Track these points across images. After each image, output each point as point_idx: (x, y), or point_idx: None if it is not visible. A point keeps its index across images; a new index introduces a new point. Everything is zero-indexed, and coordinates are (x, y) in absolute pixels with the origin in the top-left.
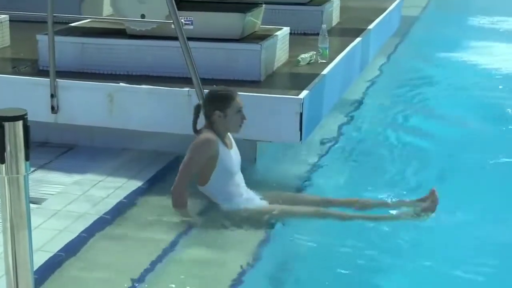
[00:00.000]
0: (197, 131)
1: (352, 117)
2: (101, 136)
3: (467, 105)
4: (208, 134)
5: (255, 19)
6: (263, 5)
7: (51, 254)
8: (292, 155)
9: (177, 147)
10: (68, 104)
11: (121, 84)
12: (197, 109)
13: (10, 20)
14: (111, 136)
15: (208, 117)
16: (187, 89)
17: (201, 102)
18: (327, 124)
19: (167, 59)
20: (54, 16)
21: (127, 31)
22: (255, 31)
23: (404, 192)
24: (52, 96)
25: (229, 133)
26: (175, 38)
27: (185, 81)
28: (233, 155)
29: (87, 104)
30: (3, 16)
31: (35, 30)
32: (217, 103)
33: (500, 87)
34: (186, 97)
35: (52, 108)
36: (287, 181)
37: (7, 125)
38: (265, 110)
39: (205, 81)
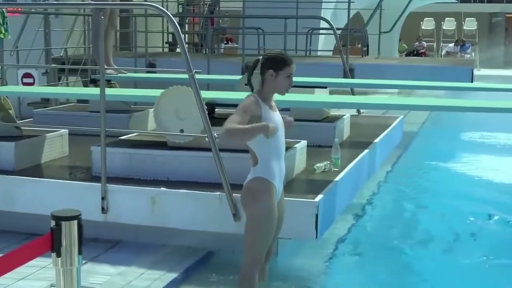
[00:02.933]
0: (249, 84)
1: (361, 217)
2: (144, 233)
3: (459, 209)
4: (250, 97)
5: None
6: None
7: None
8: (310, 250)
9: (209, 243)
10: (116, 205)
11: (162, 188)
12: (255, 63)
13: (69, 134)
14: (153, 233)
15: (262, 74)
16: (218, 193)
17: (259, 63)
18: (340, 222)
19: (202, 167)
20: (106, 130)
21: (168, 143)
22: None
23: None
24: (102, 198)
25: (274, 101)
26: (208, 149)
27: (216, 186)
28: (276, 118)
29: (132, 206)
30: (63, 130)
31: (90, 142)
32: (273, 63)
33: (490, 195)
34: (218, 200)
35: (102, 209)
36: (307, 274)
37: (63, 224)
38: (286, 211)
39: (233, 186)
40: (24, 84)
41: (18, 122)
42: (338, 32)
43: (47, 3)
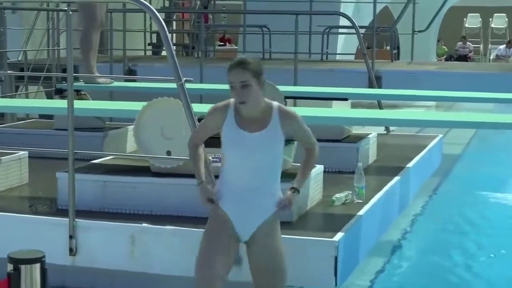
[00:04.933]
0: None
1: (391, 261)
2: (122, 280)
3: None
4: (230, 99)
5: (287, 156)
6: (295, 142)
7: None
8: None
9: None
10: (88, 246)
11: (144, 225)
12: None
13: (29, 157)
14: (132, 280)
15: None
16: None
17: None
18: (364, 268)
19: (193, 198)
20: (75, 152)
21: (151, 169)
22: (286, 169)
23: None
24: (70, 237)
25: (279, 112)
26: None
27: None
28: (245, 141)
29: (107, 246)
30: (22, 152)
31: (55, 167)
32: None
33: None
34: None
35: (71, 250)
36: None
37: (23, 268)
38: (297, 253)
39: None
40: None
41: None
42: (362, 31)
43: None
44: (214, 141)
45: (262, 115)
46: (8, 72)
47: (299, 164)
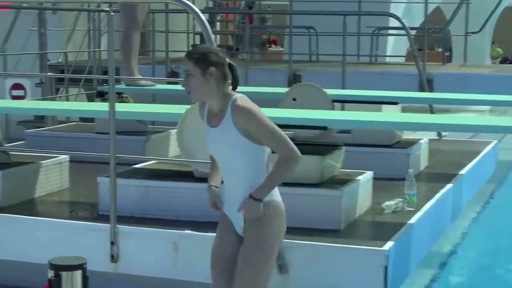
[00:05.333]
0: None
1: (442, 273)
2: (164, 287)
3: None
4: None
5: (335, 162)
6: (344, 147)
7: None
8: None
9: None
10: (129, 252)
11: (187, 231)
12: None
13: (70, 161)
14: None
15: None
16: None
17: None
18: (414, 279)
19: None
20: (117, 157)
21: (194, 174)
22: (334, 175)
23: None
24: (112, 243)
25: (231, 106)
26: None
27: None
28: (212, 136)
29: (149, 253)
30: (63, 156)
31: (96, 172)
32: None
33: None
34: None
35: (112, 256)
36: None
37: (64, 274)
38: (345, 262)
39: None
40: (14, 97)
41: (5, 145)
42: (413, 32)
43: None
44: None
45: (220, 109)
46: (49, 74)
47: (347, 170)
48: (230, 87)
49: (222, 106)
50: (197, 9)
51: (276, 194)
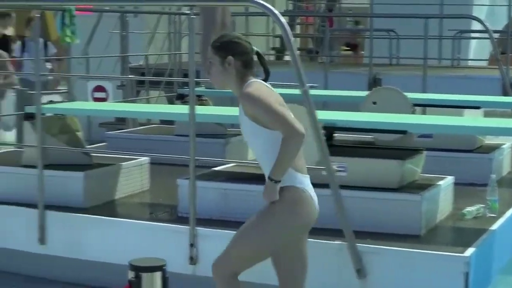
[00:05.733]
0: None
1: None
2: None
3: None
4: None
5: (415, 166)
6: (424, 152)
7: None
8: None
9: None
10: (208, 254)
11: None
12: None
13: (150, 163)
14: None
15: None
16: (337, 242)
17: None
18: (497, 286)
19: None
20: (197, 159)
21: None
22: (415, 180)
23: None
24: (191, 245)
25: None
26: (325, 186)
27: (335, 233)
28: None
29: None
30: (143, 158)
31: (176, 174)
32: None
33: None
34: (336, 251)
35: (191, 258)
36: None
37: (144, 276)
38: (425, 268)
39: (359, 234)
40: (95, 99)
41: (87, 147)
42: (496, 35)
43: None
44: (339, 149)
45: (238, 97)
46: (130, 76)
47: (428, 175)
48: (258, 77)
49: (240, 94)
50: (277, 12)
51: (298, 181)
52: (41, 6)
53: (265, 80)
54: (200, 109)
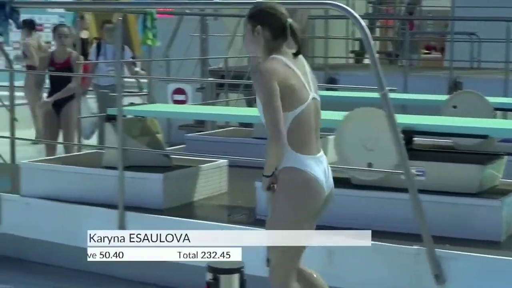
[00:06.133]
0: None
1: None
2: None
3: None
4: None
5: (496, 172)
6: (505, 157)
7: None
8: None
9: None
10: None
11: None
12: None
13: (229, 165)
14: None
15: None
16: (415, 247)
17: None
18: None
19: (394, 212)
20: None
21: (352, 181)
22: (495, 185)
23: None
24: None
25: None
26: (404, 190)
27: (413, 238)
28: None
29: (304, 260)
30: (222, 160)
31: (254, 176)
32: None
33: None
34: (414, 256)
35: (268, 261)
36: None
37: (222, 278)
38: (505, 275)
39: (437, 239)
40: (175, 102)
41: (167, 149)
42: None
43: (205, 2)
44: (418, 153)
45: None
46: (209, 79)
47: (509, 181)
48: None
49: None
50: (357, 15)
51: (299, 162)
52: (123, 10)
53: (296, 54)
54: None
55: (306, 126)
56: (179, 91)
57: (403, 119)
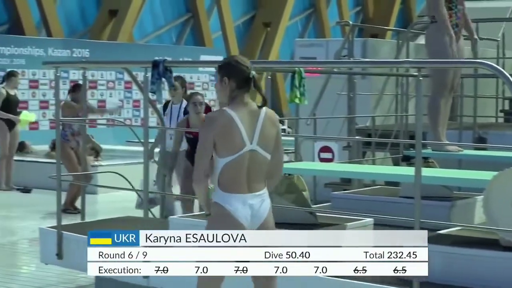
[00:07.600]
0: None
1: None
2: None
3: None
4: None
5: None
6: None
7: None
8: None
9: None
10: None
11: None
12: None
13: (374, 224)
14: None
15: None
16: None
17: None
18: None
19: None
20: (422, 221)
21: (501, 242)
22: None
23: None
24: None
25: None
26: None
27: None
28: None
29: None
30: (368, 219)
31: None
32: None
33: None
34: None
35: None
36: None
37: None
38: None
39: None
40: (322, 160)
41: (313, 206)
42: None
43: (354, 61)
44: None
45: None
46: (356, 137)
47: None
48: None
49: None
50: (507, 74)
51: (221, 198)
52: (272, 68)
53: (262, 106)
54: (426, 171)
55: (237, 171)
56: (326, 149)
57: None
